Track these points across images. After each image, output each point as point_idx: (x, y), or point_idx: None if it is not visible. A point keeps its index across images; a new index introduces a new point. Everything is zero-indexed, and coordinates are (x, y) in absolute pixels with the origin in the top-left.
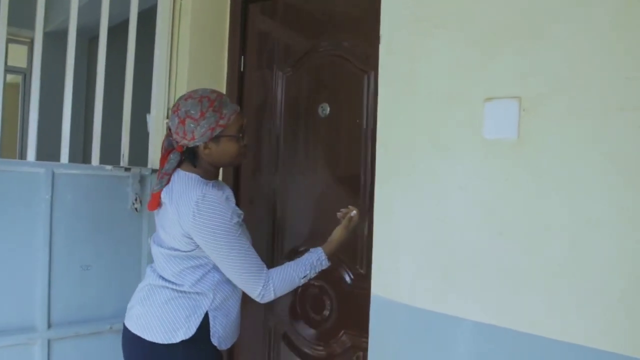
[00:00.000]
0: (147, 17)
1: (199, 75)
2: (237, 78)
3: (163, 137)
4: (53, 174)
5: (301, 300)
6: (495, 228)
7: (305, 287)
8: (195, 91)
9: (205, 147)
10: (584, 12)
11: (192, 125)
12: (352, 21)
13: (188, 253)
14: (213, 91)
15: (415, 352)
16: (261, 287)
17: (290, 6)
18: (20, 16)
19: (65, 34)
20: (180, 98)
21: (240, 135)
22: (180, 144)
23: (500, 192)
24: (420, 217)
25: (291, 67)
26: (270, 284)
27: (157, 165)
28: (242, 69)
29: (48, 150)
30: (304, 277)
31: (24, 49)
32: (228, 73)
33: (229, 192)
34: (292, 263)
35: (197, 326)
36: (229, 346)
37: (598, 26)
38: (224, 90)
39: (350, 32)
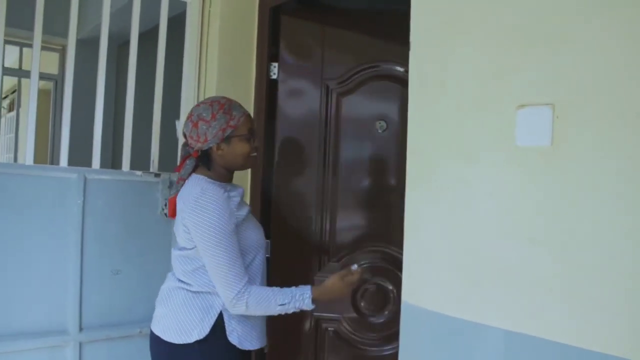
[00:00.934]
0: (176, 24)
1: (228, 81)
2: (266, 85)
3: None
4: (85, 179)
5: (359, 298)
6: (526, 236)
7: (363, 282)
8: (207, 98)
9: (218, 148)
10: (617, 16)
11: (204, 127)
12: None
13: (191, 251)
14: (223, 97)
15: (444, 359)
16: (234, 295)
17: (338, 23)
18: (52, 24)
19: (96, 41)
20: (194, 106)
21: (251, 136)
22: (195, 148)
23: (532, 199)
24: (449, 224)
25: (343, 82)
26: (245, 296)
27: None
28: (272, 77)
29: (78, 156)
30: (282, 305)
31: (55, 56)
32: (256, 80)
33: (236, 192)
34: (276, 288)
35: (210, 326)
36: (257, 347)
37: (631, 29)
38: (252, 97)
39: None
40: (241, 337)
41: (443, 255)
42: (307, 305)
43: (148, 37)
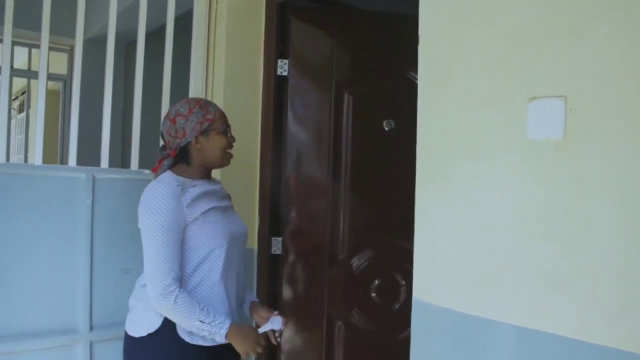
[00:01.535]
0: (183, 22)
1: (235, 78)
2: (274, 82)
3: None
4: (94, 179)
5: (371, 289)
6: (539, 231)
7: (374, 276)
8: (182, 98)
9: (197, 142)
10: (631, 10)
11: (182, 121)
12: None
13: None
14: (198, 97)
15: (455, 356)
16: (160, 291)
17: (349, 24)
18: (60, 24)
19: (103, 40)
20: (170, 106)
21: (227, 131)
22: (173, 146)
23: (545, 193)
24: (460, 220)
25: (353, 80)
26: (173, 296)
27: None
28: (282, 74)
29: (87, 155)
30: (202, 322)
31: (63, 56)
32: (264, 77)
33: (200, 188)
34: (202, 305)
35: (162, 320)
36: (211, 344)
37: None
38: (259, 94)
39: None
40: (192, 332)
41: (453, 251)
42: (220, 336)
43: (155, 35)
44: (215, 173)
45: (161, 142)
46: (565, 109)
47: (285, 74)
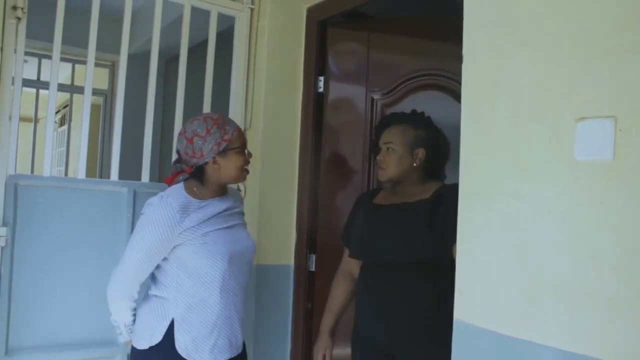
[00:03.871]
0: (224, 38)
1: (275, 94)
2: (313, 98)
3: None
4: (135, 193)
5: None
6: (587, 253)
7: None
8: (199, 115)
9: (214, 162)
10: None
11: (199, 142)
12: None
13: None
14: (215, 113)
15: None
16: (114, 290)
17: (383, 35)
18: (103, 41)
19: (143, 56)
20: (186, 122)
21: (244, 149)
22: (190, 164)
23: (594, 215)
24: (504, 240)
25: (388, 94)
26: (130, 300)
27: (236, 185)
28: (319, 90)
29: (126, 169)
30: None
31: (105, 72)
32: (303, 93)
33: (205, 211)
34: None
35: (163, 333)
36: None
37: None
38: (299, 110)
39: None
40: (189, 347)
41: (497, 271)
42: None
43: (196, 52)
44: (254, 188)
45: (175, 155)
46: (615, 129)
47: (321, 90)
